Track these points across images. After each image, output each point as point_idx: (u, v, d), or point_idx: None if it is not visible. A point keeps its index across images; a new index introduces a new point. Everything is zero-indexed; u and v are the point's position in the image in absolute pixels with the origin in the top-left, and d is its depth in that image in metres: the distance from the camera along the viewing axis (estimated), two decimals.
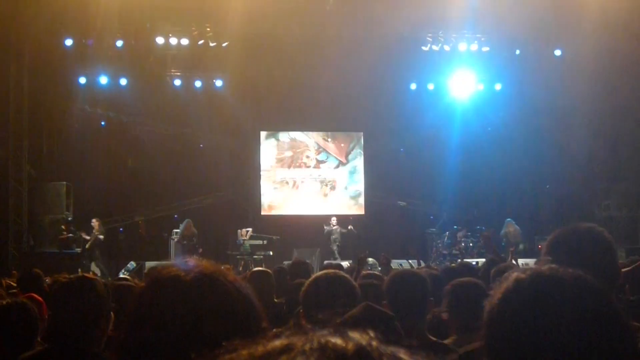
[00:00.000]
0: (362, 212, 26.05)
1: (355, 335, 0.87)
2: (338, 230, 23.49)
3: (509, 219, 23.29)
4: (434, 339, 4.23)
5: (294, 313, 4.41)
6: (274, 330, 0.92)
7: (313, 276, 4.02)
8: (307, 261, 13.13)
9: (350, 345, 0.85)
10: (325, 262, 16.83)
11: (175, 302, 1.71)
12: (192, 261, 1.83)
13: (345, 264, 20.82)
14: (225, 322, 0.96)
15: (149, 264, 19.57)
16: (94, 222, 21.24)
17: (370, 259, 18.60)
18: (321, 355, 0.82)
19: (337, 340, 0.86)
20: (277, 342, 0.86)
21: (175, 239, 22.23)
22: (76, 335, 3.69)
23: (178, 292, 1.73)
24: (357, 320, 3.15)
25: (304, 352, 0.83)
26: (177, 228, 22.58)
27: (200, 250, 20.71)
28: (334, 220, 23.77)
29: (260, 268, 8.39)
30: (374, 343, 0.86)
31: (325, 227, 23.63)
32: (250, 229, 23.08)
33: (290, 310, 6.00)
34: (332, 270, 4.24)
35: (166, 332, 1.64)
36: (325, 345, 0.85)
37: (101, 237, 21.21)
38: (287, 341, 0.86)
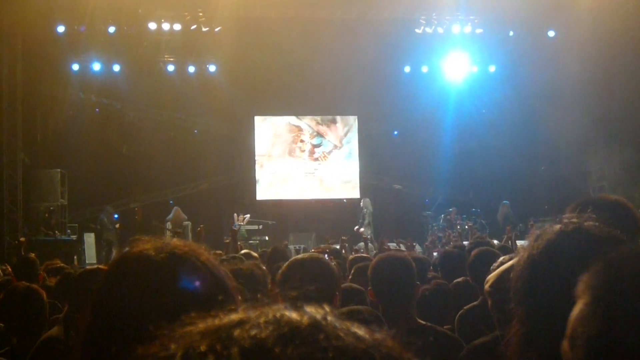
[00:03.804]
0: (357, 195, 26.02)
1: (310, 309, 0.88)
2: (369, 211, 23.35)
3: (504, 201, 23.34)
4: (422, 322, 4.21)
5: None
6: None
7: (291, 259, 4.01)
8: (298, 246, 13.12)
9: (305, 319, 0.85)
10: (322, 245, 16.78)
11: (142, 281, 1.68)
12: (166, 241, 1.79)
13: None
14: (195, 304, 0.94)
15: None
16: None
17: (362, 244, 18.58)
18: (275, 329, 0.83)
19: (292, 314, 0.86)
20: (233, 316, 0.87)
21: (167, 227, 22.30)
22: None
23: (146, 271, 1.70)
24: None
25: (258, 325, 0.84)
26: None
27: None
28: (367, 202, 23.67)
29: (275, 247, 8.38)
30: (329, 317, 0.87)
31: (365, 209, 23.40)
32: (248, 215, 23.09)
33: None
34: (309, 254, 4.22)
35: (132, 312, 1.61)
36: (279, 318, 0.85)
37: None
38: (243, 314, 0.87)
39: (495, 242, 18.15)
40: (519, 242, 16.40)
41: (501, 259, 4.04)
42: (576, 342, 1.47)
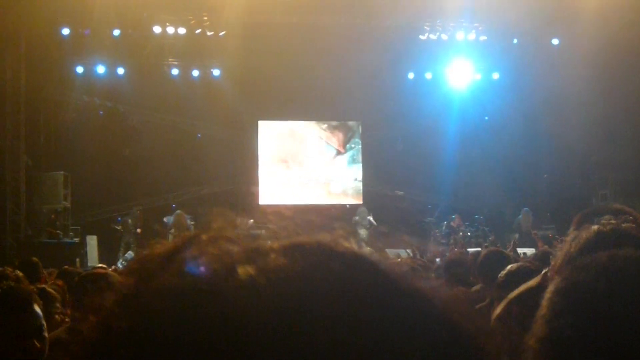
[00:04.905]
0: (360, 201, 26.00)
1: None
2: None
3: (525, 208, 23.24)
4: None
5: None
6: None
7: None
8: None
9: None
10: None
11: None
12: None
13: None
14: None
15: None
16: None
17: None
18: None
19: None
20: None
21: (171, 232, 22.32)
22: None
23: None
24: None
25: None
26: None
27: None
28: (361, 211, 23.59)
29: None
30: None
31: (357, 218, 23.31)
32: (252, 220, 23.02)
33: None
34: None
35: None
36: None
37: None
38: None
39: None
40: (523, 250, 16.37)
41: (509, 267, 4.05)
42: (530, 340, 1.47)
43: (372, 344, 0.74)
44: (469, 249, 17.80)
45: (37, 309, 3.44)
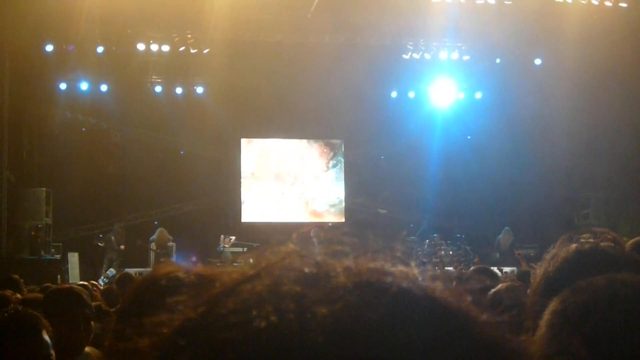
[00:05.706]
0: (342, 219, 26.00)
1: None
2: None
3: (506, 227, 23.32)
4: None
5: None
6: None
7: None
8: None
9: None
10: None
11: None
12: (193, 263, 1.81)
13: None
14: None
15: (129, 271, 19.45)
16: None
17: None
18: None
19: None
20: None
21: (152, 248, 22.26)
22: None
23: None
24: None
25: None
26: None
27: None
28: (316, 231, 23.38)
29: None
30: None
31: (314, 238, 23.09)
32: (233, 237, 23.03)
33: None
34: None
35: None
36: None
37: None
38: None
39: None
40: (505, 268, 16.41)
41: (499, 285, 4.06)
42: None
43: None
44: (448, 268, 17.85)
45: (46, 336, 3.12)
